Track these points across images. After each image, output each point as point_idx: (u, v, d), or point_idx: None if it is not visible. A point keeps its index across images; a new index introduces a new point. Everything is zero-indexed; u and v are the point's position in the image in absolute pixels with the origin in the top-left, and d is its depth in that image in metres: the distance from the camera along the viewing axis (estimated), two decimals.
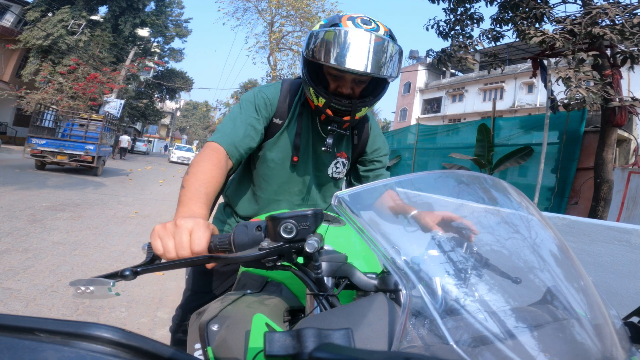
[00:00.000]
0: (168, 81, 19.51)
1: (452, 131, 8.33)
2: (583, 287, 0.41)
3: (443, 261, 0.41)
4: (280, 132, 0.82)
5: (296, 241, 0.43)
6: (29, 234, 2.93)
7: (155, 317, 1.87)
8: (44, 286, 2.02)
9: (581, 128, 5.51)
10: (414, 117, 22.82)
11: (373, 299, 0.40)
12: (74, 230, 3.25)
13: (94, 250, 2.77)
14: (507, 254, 0.45)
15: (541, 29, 3.72)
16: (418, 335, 0.32)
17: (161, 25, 17.45)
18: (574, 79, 3.38)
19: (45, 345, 0.22)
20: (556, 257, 0.44)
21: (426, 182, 0.49)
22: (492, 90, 19.56)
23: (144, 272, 0.42)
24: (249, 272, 0.65)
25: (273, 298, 0.54)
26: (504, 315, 0.35)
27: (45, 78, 12.60)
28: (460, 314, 0.34)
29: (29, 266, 2.27)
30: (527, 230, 0.45)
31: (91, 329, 0.23)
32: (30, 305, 1.79)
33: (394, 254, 0.36)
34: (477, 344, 0.32)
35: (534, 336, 0.34)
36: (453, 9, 4.66)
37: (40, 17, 13.29)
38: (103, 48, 14.30)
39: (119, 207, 4.73)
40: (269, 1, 12.49)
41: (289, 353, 0.24)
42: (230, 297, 0.56)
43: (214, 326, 0.48)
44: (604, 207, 4.32)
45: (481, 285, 0.39)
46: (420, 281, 0.34)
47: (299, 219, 0.42)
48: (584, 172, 5.44)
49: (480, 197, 0.47)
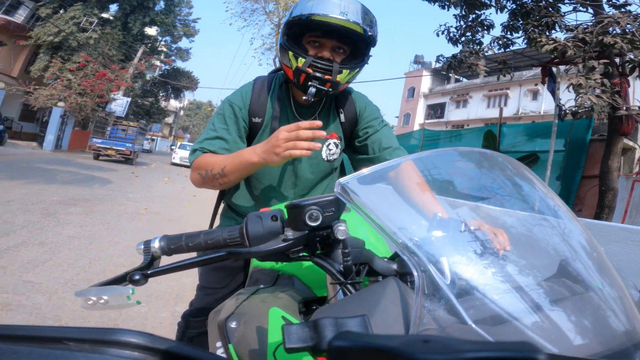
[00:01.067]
0: (174, 80, 19.62)
1: (456, 137, 8.35)
2: (596, 258, 0.40)
3: (453, 241, 0.40)
4: (262, 129, 0.83)
5: (322, 228, 0.41)
6: (43, 227, 2.97)
7: (175, 311, 1.90)
8: (64, 279, 2.04)
9: (587, 136, 5.54)
10: (417, 122, 22.87)
11: (386, 283, 0.39)
12: (87, 225, 3.28)
13: (108, 245, 2.80)
14: (520, 230, 0.44)
15: (552, 37, 3.75)
16: (434, 317, 0.32)
17: (169, 24, 17.58)
18: (585, 86, 3.42)
19: (75, 354, 0.22)
20: (568, 229, 0.43)
21: (433, 163, 0.48)
22: (497, 97, 19.62)
23: (155, 274, 0.40)
24: (261, 267, 0.65)
25: (286, 291, 0.54)
26: (521, 291, 0.34)
27: (54, 74, 12.69)
28: (475, 293, 0.33)
29: (47, 259, 2.30)
30: (535, 203, 0.45)
31: (118, 335, 0.24)
32: (52, 298, 1.81)
33: (403, 237, 0.36)
34: (496, 322, 0.31)
35: (553, 311, 0.33)
36: (464, 15, 4.71)
37: (52, 14, 13.42)
38: (112, 46, 14.41)
39: (128, 203, 4.77)
40: (276, 3, 12.60)
41: (308, 344, 0.24)
42: (244, 293, 0.56)
43: (232, 323, 0.48)
44: (608, 214, 4.34)
45: (494, 262, 0.38)
46: (432, 263, 0.34)
47: (323, 205, 0.41)
48: (589, 180, 5.47)
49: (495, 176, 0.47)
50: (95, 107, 12.88)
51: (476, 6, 4.57)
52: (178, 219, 4.27)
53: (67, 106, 12.00)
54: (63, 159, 9.59)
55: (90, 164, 9.58)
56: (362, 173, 0.41)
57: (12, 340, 0.22)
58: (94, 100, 12.46)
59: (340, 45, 0.77)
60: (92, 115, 13.03)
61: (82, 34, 13.62)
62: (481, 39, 4.82)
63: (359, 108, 0.88)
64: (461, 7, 4.63)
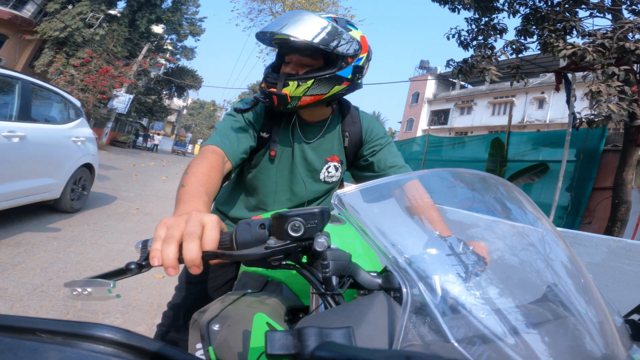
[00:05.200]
0: (178, 78, 19.58)
1: (460, 144, 8.18)
2: (583, 285, 0.41)
3: (444, 260, 0.41)
4: (268, 144, 0.85)
5: (304, 240, 0.42)
6: (22, 226, 2.78)
7: (153, 324, 1.69)
8: (33, 285, 1.85)
9: (600, 146, 5.35)
10: (420, 128, 22.69)
11: (373, 297, 0.40)
12: (71, 224, 3.09)
13: (90, 248, 2.60)
14: (508, 253, 0.45)
15: (571, 42, 3.57)
16: (419, 334, 0.32)
17: (176, 22, 17.58)
18: (605, 93, 3.23)
19: (47, 346, 0.22)
20: (556, 255, 0.43)
21: (431, 181, 0.49)
22: (502, 105, 19.43)
23: (148, 266, 0.40)
24: (250, 271, 0.66)
25: (274, 297, 0.54)
26: (505, 313, 0.35)
27: (58, 70, 12.66)
28: (461, 312, 0.34)
29: (19, 262, 2.10)
30: (527, 231, 0.46)
31: (93, 329, 0.23)
32: (15, 306, 1.62)
33: (395, 252, 0.36)
34: (479, 342, 0.32)
35: (535, 334, 0.34)
36: (477, 18, 4.54)
37: (59, 9, 13.43)
38: (118, 43, 14.39)
39: (120, 202, 4.58)
40: (283, 4, 12.53)
41: (290, 352, 0.24)
42: (230, 297, 0.56)
43: (215, 326, 0.48)
44: (620, 227, 4.18)
45: (482, 283, 0.39)
46: (421, 280, 0.35)
47: (306, 217, 0.42)
48: (600, 192, 5.30)
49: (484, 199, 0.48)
50: (97, 104, 12.80)
51: (490, 9, 4.41)
52: None
53: None
54: None
55: None
56: (362, 186, 0.42)
57: None
58: (96, 97, 12.38)
59: (310, 61, 0.76)
60: (93, 112, 12.94)
61: (88, 29, 13.60)
62: (493, 44, 4.65)
63: (365, 129, 0.89)
64: (475, 10, 4.47)
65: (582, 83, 3.84)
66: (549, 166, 5.64)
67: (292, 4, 12.40)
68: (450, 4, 4.69)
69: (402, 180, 0.49)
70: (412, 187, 0.49)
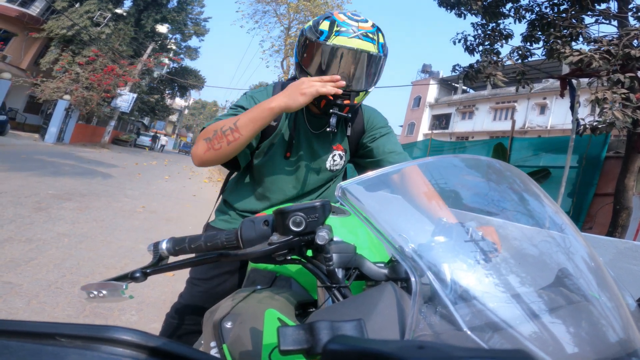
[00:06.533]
0: (181, 78, 19.63)
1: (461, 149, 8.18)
2: (595, 268, 0.40)
3: (453, 247, 0.40)
4: (275, 133, 0.85)
5: (306, 234, 0.43)
6: (33, 222, 2.79)
7: None
8: (48, 282, 1.86)
9: (602, 153, 5.38)
10: (421, 132, 22.74)
11: (382, 288, 0.39)
12: (80, 222, 3.11)
13: (100, 245, 2.62)
14: (518, 238, 0.44)
15: (577, 49, 3.61)
16: (430, 323, 0.32)
17: (181, 22, 17.65)
18: (610, 99, 3.26)
19: (68, 350, 0.23)
20: (566, 239, 0.43)
21: (435, 169, 0.48)
22: (504, 110, 19.50)
23: (154, 272, 0.42)
24: (258, 268, 0.66)
25: (283, 293, 0.54)
26: (517, 299, 0.34)
27: (63, 67, 12.68)
28: (472, 299, 0.33)
29: (31, 258, 2.12)
30: (537, 215, 0.45)
31: (111, 332, 0.24)
32: (32, 302, 1.63)
33: (401, 242, 0.36)
34: (491, 330, 0.31)
35: (548, 320, 0.33)
36: (484, 24, 4.58)
37: (67, 7, 13.47)
38: (123, 42, 14.43)
39: (126, 200, 4.60)
40: (288, 6, 12.60)
41: (302, 347, 0.25)
42: (241, 294, 0.56)
43: (227, 323, 0.48)
44: (621, 233, 4.21)
45: (492, 269, 0.38)
46: (429, 268, 0.34)
47: (307, 211, 0.42)
48: (601, 198, 5.33)
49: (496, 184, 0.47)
50: (100, 102, 12.82)
51: (497, 15, 4.45)
52: (176, 219, 4.10)
53: (73, 99, 11.94)
54: (64, 151, 9.48)
55: (92, 158, 9.46)
56: (365, 176, 0.41)
57: (3, 335, 0.23)
58: (100, 95, 12.40)
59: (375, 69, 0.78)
60: (97, 110, 12.97)
61: (94, 28, 13.64)
62: (499, 49, 4.69)
63: (366, 118, 0.91)
64: (482, 16, 4.51)
65: (586, 89, 3.87)
66: (551, 172, 5.66)
67: (296, 6, 12.48)
68: (457, 9, 4.73)
69: (403, 168, 0.49)
70: (414, 175, 0.49)
